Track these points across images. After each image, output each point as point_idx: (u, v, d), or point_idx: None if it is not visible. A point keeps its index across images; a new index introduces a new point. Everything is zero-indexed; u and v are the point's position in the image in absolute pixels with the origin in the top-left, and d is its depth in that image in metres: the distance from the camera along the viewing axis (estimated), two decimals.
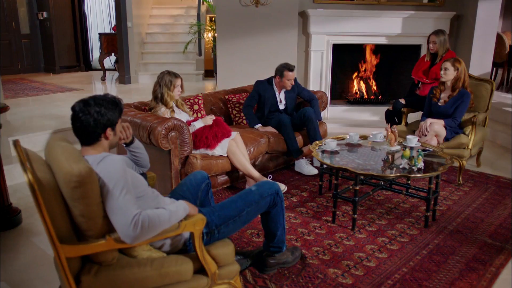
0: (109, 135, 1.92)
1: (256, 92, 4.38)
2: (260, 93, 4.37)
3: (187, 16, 10.18)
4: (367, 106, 6.48)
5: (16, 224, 3.20)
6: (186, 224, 1.91)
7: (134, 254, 1.92)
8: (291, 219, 3.26)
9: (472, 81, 4.25)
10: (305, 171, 4.19)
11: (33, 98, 6.98)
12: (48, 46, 10.20)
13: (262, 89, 4.37)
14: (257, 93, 4.38)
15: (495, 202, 3.63)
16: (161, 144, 3.28)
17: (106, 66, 9.35)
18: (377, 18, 6.00)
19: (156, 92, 3.66)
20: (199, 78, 9.24)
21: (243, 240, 2.94)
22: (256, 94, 4.38)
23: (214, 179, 3.68)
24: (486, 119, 4.36)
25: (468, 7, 5.96)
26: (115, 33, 8.78)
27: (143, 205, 1.89)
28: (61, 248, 1.67)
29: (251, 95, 4.41)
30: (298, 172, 4.26)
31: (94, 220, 1.73)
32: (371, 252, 2.82)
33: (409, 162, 3.07)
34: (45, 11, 9.99)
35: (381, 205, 3.53)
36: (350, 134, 3.67)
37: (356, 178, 3.04)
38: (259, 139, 3.95)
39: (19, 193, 3.75)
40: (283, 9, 5.89)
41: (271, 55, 5.97)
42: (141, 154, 2.31)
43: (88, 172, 1.66)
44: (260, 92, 4.37)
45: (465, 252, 2.84)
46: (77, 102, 1.88)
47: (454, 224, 3.23)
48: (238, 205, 2.21)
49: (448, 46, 4.61)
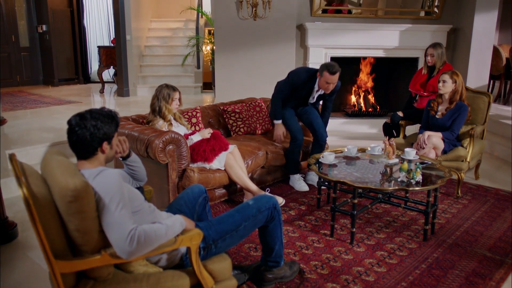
0: (105, 149, 1.92)
1: (289, 84, 4.11)
2: (295, 86, 4.09)
3: (185, 29, 10.25)
4: (365, 118, 6.49)
5: (12, 238, 3.17)
6: (182, 239, 1.89)
7: (130, 269, 1.90)
8: (289, 233, 3.24)
9: (469, 93, 4.27)
10: (296, 187, 4.16)
11: (31, 111, 6.98)
12: (47, 59, 10.24)
13: (297, 83, 4.07)
14: (291, 86, 4.11)
15: (494, 215, 3.62)
16: (159, 158, 3.27)
17: (104, 79, 9.37)
18: (374, 31, 6.04)
19: (154, 105, 3.66)
20: (198, 90, 9.27)
21: (240, 254, 2.91)
22: (289, 86, 4.11)
23: (212, 192, 3.67)
24: (484, 132, 4.37)
25: (464, 20, 6.00)
26: (114, 46, 8.82)
27: (140, 220, 1.87)
28: (56, 263, 1.66)
29: (282, 88, 4.15)
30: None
31: (90, 235, 1.72)
32: (370, 266, 2.80)
33: (408, 175, 3.07)
34: (44, 24, 10.05)
35: (380, 219, 3.51)
36: (348, 147, 3.66)
37: (354, 191, 3.03)
38: (256, 152, 3.94)
39: (15, 206, 3.72)
40: (281, 23, 5.93)
41: (269, 68, 6.00)
42: (138, 168, 2.30)
43: (84, 187, 1.64)
44: (295, 86, 4.09)
45: (465, 266, 2.82)
46: (73, 116, 1.88)
47: (453, 237, 3.21)
48: (236, 219, 2.20)
49: (445, 59, 4.63)
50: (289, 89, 4.14)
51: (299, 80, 4.09)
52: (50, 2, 9.90)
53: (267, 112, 4.81)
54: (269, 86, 4.40)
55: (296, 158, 4.15)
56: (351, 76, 6.65)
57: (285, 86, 4.16)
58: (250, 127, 4.61)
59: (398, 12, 6.30)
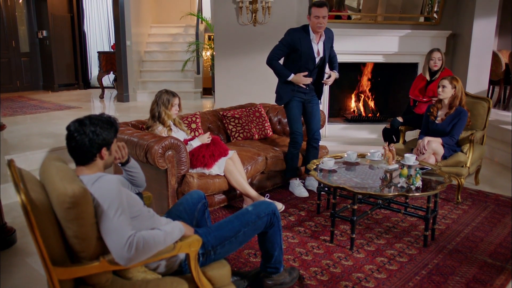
0: (104, 155, 1.91)
1: (288, 42, 3.77)
2: (295, 43, 3.73)
3: (185, 34, 10.27)
4: (365, 124, 6.49)
5: (11, 244, 3.16)
6: (181, 245, 1.89)
7: (128, 275, 1.89)
8: (289, 239, 3.23)
9: (469, 99, 4.27)
10: (296, 193, 4.13)
11: (31, 116, 6.98)
12: (47, 64, 10.27)
13: (296, 38, 3.72)
14: (289, 44, 3.76)
15: (494, 221, 3.61)
16: (158, 163, 3.27)
17: (104, 84, 9.39)
18: (374, 36, 6.05)
19: (153, 110, 3.66)
20: (198, 96, 9.28)
21: (240, 261, 2.90)
22: (287, 44, 3.77)
23: (211, 198, 3.66)
24: (483, 137, 4.36)
25: (464, 26, 6.02)
26: (114, 51, 8.85)
27: (139, 225, 1.87)
28: (54, 270, 1.65)
29: (279, 47, 3.81)
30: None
31: (88, 241, 1.71)
32: (369, 272, 2.78)
33: (407, 181, 3.06)
34: (44, 30, 10.09)
35: (380, 224, 3.50)
36: (348, 153, 3.66)
37: (354, 197, 3.02)
38: (256, 158, 3.94)
39: (14, 212, 3.71)
40: (281, 28, 5.87)
41: (269, 73, 5.94)
42: (137, 174, 2.29)
43: (82, 193, 1.64)
44: (295, 43, 3.73)
45: (465, 272, 2.80)
46: (72, 121, 1.87)
47: (453, 243, 3.20)
48: (235, 225, 2.19)
49: (444, 64, 4.63)
50: (287, 50, 3.84)
51: (294, 36, 3.80)
52: (50, 7, 9.95)
53: (267, 117, 4.81)
54: (269, 91, 4.40)
55: (296, 163, 4.13)
56: (351, 82, 6.66)
57: (279, 48, 3.86)
58: (250, 133, 4.61)
59: (398, 17, 6.31)
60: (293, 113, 4.04)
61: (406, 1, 6.40)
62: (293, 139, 4.05)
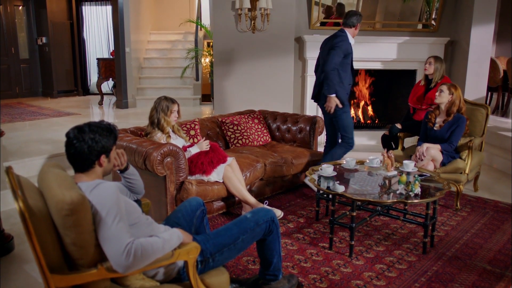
0: (103, 162, 1.91)
1: (342, 51, 3.95)
2: (347, 50, 3.96)
3: (184, 41, 10.30)
4: (364, 130, 6.49)
5: (8, 251, 3.14)
6: (180, 253, 1.88)
7: (126, 283, 1.88)
8: (288, 246, 3.22)
9: (467, 105, 4.28)
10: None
11: (30, 123, 6.97)
12: (47, 70, 10.28)
13: (347, 44, 3.95)
14: (343, 53, 3.96)
15: (493, 228, 3.60)
16: (157, 170, 3.27)
17: (104, 91, 9.39)
18: (372, 43, 6.07)
19: (152, 117, 3.66)
20: (196, 102, 9.28)
21: (238, 268, 2.89)
22: (342, 53, 3.95)
23: (210, 205, 3.65)
24: (482, 144, 4.37)
25: (462, 33, 6.04)
26: (113, 58, 8.86)
27: (137, 232, 1.86)
28: (51, 277, 1.64)
29: (336, 61, 3.95)
30: (295, 197, 4.21)
31: (86, 248, 1.70)
32: (369, 279, 2.77)
33: (406, 188, 3.06)
34: (44, 37, 10.12)
35: (379, 231, 3.49)
36: (347, 159, 3.66)
37: (353, 203, 3.02)
38: (255, 164, 3.93)
39: (12, 218, 3.70)
40: (279, 35, 5.96)
41: (268, 80, 6.02)
42: (135, 181, 2.29)
43: (81, 200, 1.64)
44: (348, 50, 3.96)
45: (465, 279, 2.80)
46: (71, 128, 1.87)
47: (452, 250, 3.19)
48: (233, 232, 2.18)
49: (443, 73, 4.66)
50: (342, 56, 4.03)
51: (347, 41, 4.06)
52: (50, 14, 9.97)
53: (266, 124, 4.82)
54: (268, 98, 4.41)
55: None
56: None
57: (338, 57, 4.01)
58: (249, 139, 4.61)
59: (396, 24, 6.34)
60: (348, 118, 4.30)
61: (405, 8, 6.43)
62: (351, 145, 4.32)
